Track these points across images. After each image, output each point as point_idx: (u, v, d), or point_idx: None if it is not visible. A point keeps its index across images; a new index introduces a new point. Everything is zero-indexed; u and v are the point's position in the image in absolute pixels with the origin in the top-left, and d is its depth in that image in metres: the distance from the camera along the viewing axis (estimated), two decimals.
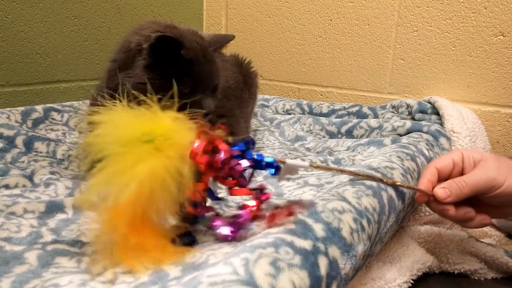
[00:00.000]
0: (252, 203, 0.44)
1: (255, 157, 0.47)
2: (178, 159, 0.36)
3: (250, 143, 0.47)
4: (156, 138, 0.35)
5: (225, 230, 0.45)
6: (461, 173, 0.61)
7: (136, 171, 0.35)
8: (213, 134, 0.40)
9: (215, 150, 0.40)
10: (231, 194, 0.44)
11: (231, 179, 0.43)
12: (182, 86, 0.66)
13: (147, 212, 0.37)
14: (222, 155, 0.40)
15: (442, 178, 0.61)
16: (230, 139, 0.43)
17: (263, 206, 0.45)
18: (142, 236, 0.37)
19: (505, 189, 0.57)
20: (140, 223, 0.37)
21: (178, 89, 0.62)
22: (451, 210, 0.59)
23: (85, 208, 0.49)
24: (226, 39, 0.79)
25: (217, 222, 0.46)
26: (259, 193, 0.46)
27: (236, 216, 0.46)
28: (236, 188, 0.45)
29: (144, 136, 0.35)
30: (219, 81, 0.76)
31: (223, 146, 0.40)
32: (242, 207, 0.46)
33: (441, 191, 0.58)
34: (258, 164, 0.48)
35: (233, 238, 0.46)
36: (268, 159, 0.48)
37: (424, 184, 0.60)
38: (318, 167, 0.62)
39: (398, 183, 0.67)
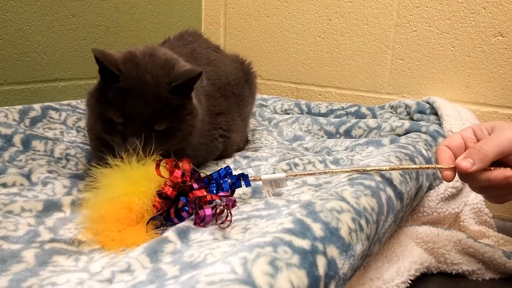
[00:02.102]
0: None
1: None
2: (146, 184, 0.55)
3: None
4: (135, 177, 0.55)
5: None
6: None
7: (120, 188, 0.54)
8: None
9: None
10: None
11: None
12: (115, 115, 0.65)
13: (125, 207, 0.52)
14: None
15: (457, 156, 0.57)
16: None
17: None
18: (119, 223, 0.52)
19: None
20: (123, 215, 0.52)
21: (111, 116, 0.67)
22: (488, 175, 0.53)
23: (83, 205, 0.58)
24: (189, 74, 0.67)
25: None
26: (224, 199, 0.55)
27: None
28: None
29: (128, 177, 0.56)
30: (168, 128, 0.67)
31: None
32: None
33: (463, 161, 0.54)
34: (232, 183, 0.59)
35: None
36: (226, 184, 0.58)
37: (444, 161, 0.57)
38: (295, 175, 0.64)
39: (413, 167, 0.67)
